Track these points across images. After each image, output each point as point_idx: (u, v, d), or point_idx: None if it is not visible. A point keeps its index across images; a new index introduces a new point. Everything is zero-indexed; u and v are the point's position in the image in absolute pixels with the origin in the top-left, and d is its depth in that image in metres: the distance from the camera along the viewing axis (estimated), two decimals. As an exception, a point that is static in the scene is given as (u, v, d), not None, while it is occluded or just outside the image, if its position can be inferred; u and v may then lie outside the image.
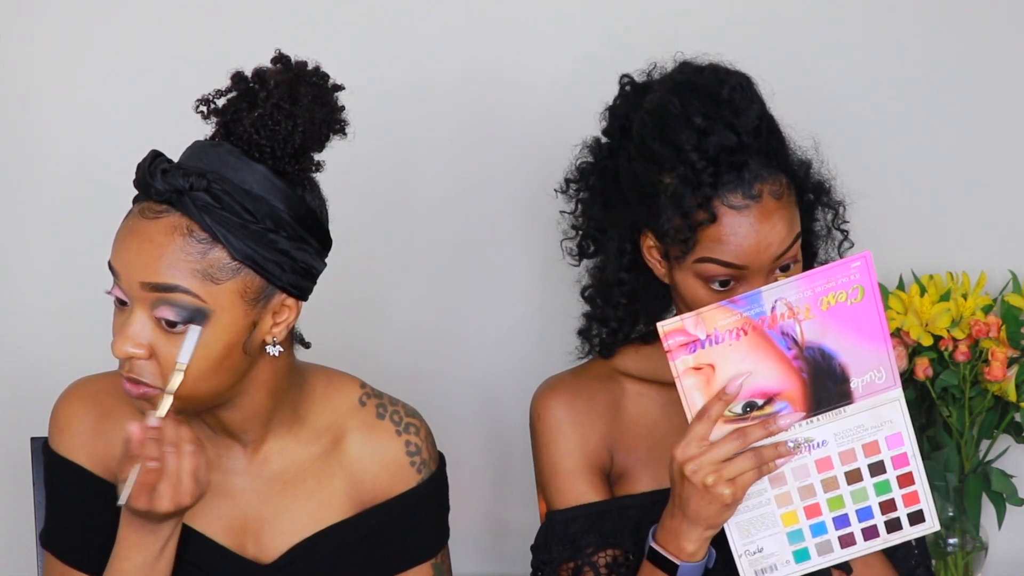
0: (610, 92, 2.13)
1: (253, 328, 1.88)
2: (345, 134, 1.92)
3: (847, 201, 2.13)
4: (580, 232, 2.14)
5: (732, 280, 1.98)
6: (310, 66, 1.90)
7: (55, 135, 2.64)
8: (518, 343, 2.69)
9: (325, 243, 1.92)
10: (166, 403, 1.84)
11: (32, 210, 2.64)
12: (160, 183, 1.84)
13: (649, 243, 2.04)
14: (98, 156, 2.63)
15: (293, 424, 1.99)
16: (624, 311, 2.12)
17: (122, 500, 1.84)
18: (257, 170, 1.86)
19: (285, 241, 1.86)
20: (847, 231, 2.13)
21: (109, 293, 1.88)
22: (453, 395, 2.68)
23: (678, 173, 1.97)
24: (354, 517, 2.01)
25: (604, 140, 2.12)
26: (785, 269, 1.99)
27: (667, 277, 2.04)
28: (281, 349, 1.91)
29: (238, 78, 1.89)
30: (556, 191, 2.16)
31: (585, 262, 2.16)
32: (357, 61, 2.58)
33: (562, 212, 2.16)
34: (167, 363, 1.84)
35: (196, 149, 1.89)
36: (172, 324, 1.84)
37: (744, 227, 1.96)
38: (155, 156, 1.88)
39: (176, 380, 1.84)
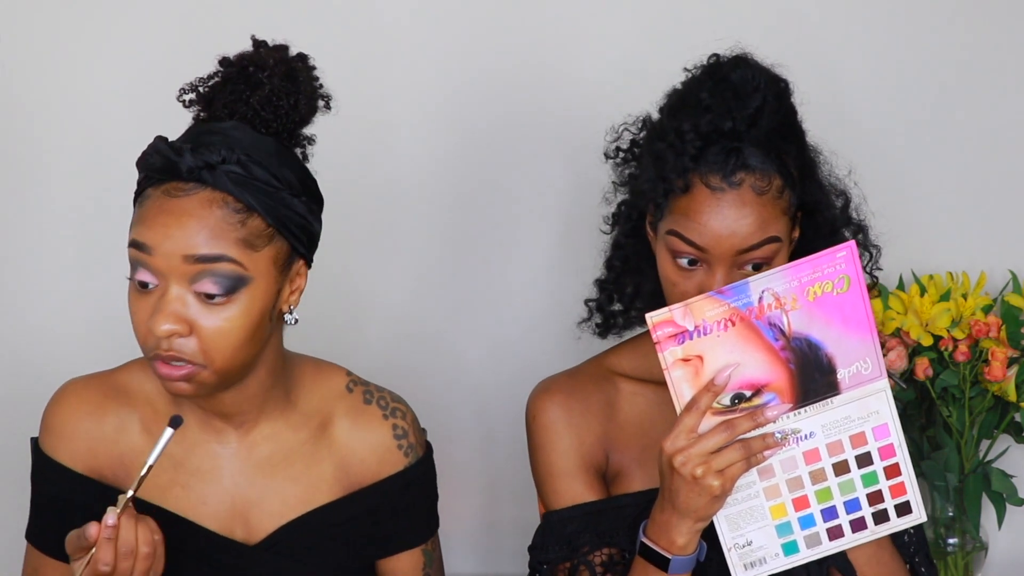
0: (619, 92, 2.14)
1: (277, 296, 1.90)
2: (329, 108, 1.95)
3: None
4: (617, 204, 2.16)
5: (698, 262, 1.97)
6: (292, 49, 1.94)
7: (56, 140, 2.65)
8: (512, 342, 2.69)
9: (321, 209, 1.96)
10: (124, 501, 1.83)
11: (32, 212, 2.65)
12: (190, 159, 1.85)
13: (650, 217, 2.05)
14: (99, 163, 2.64)
15: (285, 408, 2.01)
16: (619, 275, 2.12)
17: None
18: (268, 141, 1.89)
19: (303, 207, 1.89)
20: (877, 278, 2.15)
21: (130, 279, 1.87)
22: (445, 395, 2.68)
23: (669, 140, 1.98)
24: (341, 499, 2.02)
25: (655, 118, 2.11)
26: (757, 268, 1.98)
27: None
28: (298, 317, 1.93)
29: (227, 62, 1.92)
30: (606, 156, 2.15)
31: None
32: (338, 50, 2.59)
33: (613, 183, 2.15)
34: (208, 337, 1.85)
35: (202, 127, 1.91)
36: (211, 296, 1.84)
37: (712, 208, 1.95)
38: (165, 140, 1.89)
39: (139, 480, 1.83)
